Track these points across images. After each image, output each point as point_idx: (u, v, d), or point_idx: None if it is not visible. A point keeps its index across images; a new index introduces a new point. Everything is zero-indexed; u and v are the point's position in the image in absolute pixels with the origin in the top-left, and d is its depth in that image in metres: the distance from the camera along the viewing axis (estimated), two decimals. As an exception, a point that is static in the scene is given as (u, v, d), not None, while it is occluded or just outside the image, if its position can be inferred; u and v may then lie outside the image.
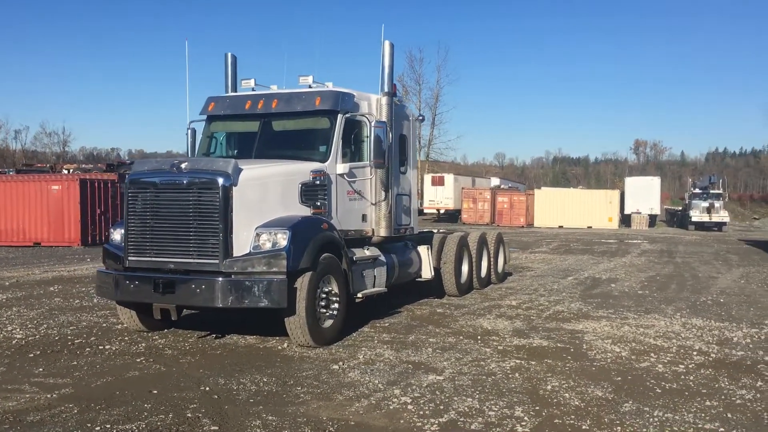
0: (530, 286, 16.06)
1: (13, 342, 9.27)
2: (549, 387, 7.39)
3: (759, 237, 40.93)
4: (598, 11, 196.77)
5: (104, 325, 10.53)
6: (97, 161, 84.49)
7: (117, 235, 9.52)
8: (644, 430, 6.12)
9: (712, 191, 50.39)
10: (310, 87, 10.72)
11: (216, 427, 6.02)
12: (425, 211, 52.61)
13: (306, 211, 9.57)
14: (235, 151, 11.01)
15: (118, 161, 40.67)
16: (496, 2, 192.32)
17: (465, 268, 14.16)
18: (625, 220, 52.14)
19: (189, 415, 6.33)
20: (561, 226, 49.50)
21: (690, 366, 8.40)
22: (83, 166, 41.89)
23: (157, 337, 9.69)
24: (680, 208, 59.10)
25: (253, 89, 11.05)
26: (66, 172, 39.25)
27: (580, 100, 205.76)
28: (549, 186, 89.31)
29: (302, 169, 9.71)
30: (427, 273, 12.76)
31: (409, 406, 6.65)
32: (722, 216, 48.29)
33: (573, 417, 6.41)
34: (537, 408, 6.65)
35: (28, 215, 27.98)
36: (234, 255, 8.63)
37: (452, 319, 11.36)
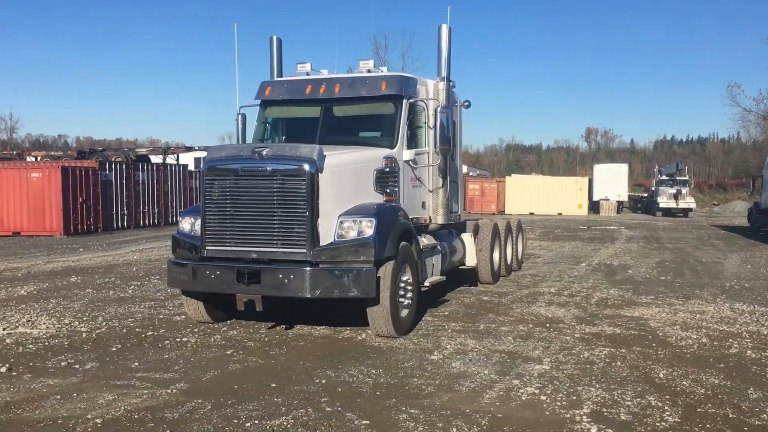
0: (551, 272, 16.11)
1: (84, 336, 8.89)
2: (661, 375, 7.37)
3: (728, 222, 41.89)
4: (548, 1, 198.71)
5: (161, 316, 10.19)
6: (43, 148, 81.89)
7: (186, 224, 9.16)
8: (788, 416, 6.13)
9: (678, 178, 51.42)
10: (369, 71, 10.49)
11: (367, 421, 5.84)
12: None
13: (379, 199, 9.38)
14: (285, 137, 10.72)
15: (91, 148, 39.45)
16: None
17: (496, 255, 14.12)
18: (594, 206, 52.90)
19: (328, 409, 6.13)
20: (532, 213, 49.95)
21: (777, 351, 8.49)
22: (52, 153, 40.46)
23: (225, 328, 9.40)
24: (645, 195, 60.21)
25: (307, 74, 10.75)
26: (33, 159, 37.91)
27: (533, 88, 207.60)
28: (504, 173, 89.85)
29: (376, 156, 9.51)
30: (471, 260, 12.69)
31: (542, 397, 6.56)
32: (689, 202, 49.34)
33: (710, 405, 6.39)
34: (667, 397, 6.62)
35: (6, 204, 27.01)
36: (320, 244, 8.40)
37: (505, 307, 11.30)
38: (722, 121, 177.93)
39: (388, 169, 9.58)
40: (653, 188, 53.99)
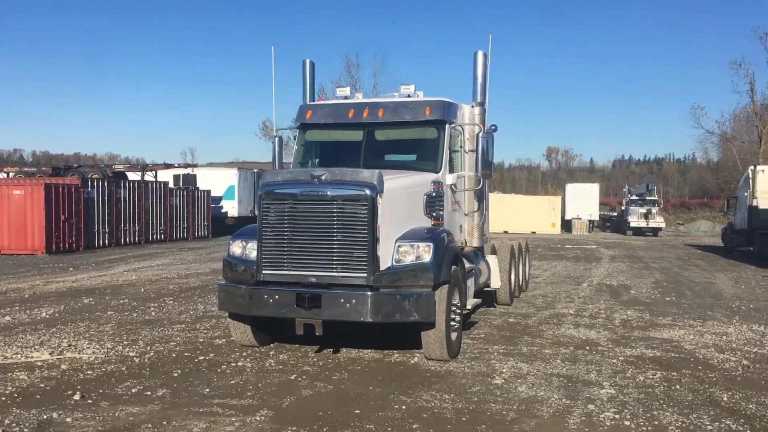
0: (558, 293, 16.32)
1: (136, 361, 8.77)
2: (725, 398, 7.55)
3: (698, 241, 42.84)
4: (510, 22, 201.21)
5: (201, 340, 10.10)
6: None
7: (237, 248, 9.11)
8: None
9: (648, 198, 52.49)
10: (409, 96, 10.58)
11: (470, 450, 5.88)
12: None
13: (428, 223, 9.47)
14: (324, 161, 10.74)
15: (66, 165, 38.71)
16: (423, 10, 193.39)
17: (513, 276, 14.29)
18: (566, 225, 53.63)
19: (426, 436, 6.16)
20: (506, 231, 50.22)
21: (820, 373, 8.75)
22: (25, 169, 39.61)
23: (273, 352, 9.36)
24: (614, 214, 61.28)
25: (345, 97, 10.81)
26: (5, 175, 37.04)
27: (494, 105, 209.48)
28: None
29: (426, 180, 9.60)
30: (496, 282, 12.79)
31: (625, 422, 6.68)
32: (658, 222, 50.34)
33: (788, 428, 6.57)
34: (743, 420, 6.79)
35: (-15, 221, 26.39)
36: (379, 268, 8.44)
37: (536, 329, 11.44)
38: (679, 142, 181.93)
39: (435, 194, 9.67)
40: (624, 207, 54.98)
